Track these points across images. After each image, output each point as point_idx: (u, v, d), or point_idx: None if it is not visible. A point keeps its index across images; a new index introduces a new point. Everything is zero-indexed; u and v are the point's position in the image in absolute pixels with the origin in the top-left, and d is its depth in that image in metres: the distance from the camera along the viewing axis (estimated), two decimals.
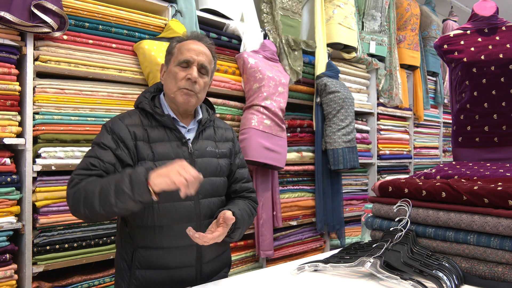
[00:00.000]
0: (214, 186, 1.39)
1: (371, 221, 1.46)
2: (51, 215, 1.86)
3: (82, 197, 1.17)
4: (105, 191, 1.13)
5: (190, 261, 1.32)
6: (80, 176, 1.23)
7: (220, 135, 1.48)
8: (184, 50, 1.36)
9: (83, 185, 1.19)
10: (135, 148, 1.29)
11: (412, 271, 1.10)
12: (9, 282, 1.74)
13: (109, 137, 1.29)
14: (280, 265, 1.39)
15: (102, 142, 1.28)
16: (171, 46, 1.41)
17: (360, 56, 3.40)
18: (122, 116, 1.35)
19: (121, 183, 1.12)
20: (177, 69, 1.35)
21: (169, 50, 1.42)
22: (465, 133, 2.25)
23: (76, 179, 1.22)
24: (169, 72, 1.37)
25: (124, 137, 1.29)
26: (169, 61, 1.39)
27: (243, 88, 2.65)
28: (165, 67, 1.42)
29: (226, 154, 1.47)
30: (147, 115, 1.36)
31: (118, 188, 1.11)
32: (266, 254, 2.66)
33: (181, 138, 1.35)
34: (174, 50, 1.38)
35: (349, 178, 3.47)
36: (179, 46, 1.38)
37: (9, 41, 1.76)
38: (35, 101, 1.86)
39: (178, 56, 1.36)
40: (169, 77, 1.37)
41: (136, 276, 1.29)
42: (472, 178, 1.46)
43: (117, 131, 1.29)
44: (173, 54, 1.38)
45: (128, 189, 1.10)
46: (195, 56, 1.35)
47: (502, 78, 2.12)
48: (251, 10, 2.75)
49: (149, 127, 1.33)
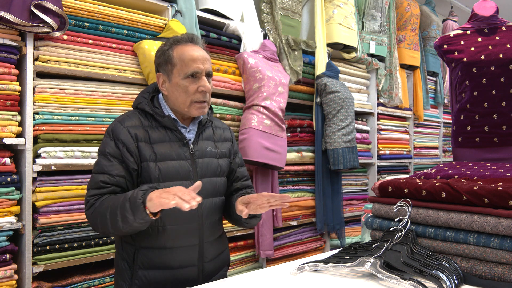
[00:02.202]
0: (215, 186, 1.40)
1: (371, 221, 1.46)
2: (51, 215, 1.86)
3: (98, 220, 1.23)
4: (113, 216, 1.19)
5: (193, 261, 1.33)
6: (94, 197, 1.26)
7: (219, 135, 1.49)
8: (188, 61, 1.30)
9: (97, 207, 1.23)
10: (138, 149, 1.29)
11: (412, 271, 1.10)
12: (9, 282, 1.74)
13: (112, 143, 1.29)
14: (280, 265, 1.38)
15: (107, 151, 1.28)
16: (168, 55, 1.33)
17: (360, 56, 3.40)
18: (122, 119, 1.34)
19: (124, 209, 1.16)
20: (186, 82, 1.31)
21: (166, 59, 1.33)
22: (465, 133, 2.25)
23: (91, 200, 1.26)
24: (176, 85, 1.31)
25: (125, 141, 1.28)
26: (171, 72, 1.32)
27: (243, 88, 2.65)
28: (165, 77, 1.34)
29: (225, 154, 1.47)
30: (147, 116, 1.35)
31: (122, 214, 1.17)
32: (266, 254, 2.66)
33: (182, 139, 1.35)
34: (174, 60, 1.32)
35: (349, 178, 3.47)
36: (179, 56, 1.31)
37: (9, 41, 1.76)
38: (35, 101, 1.86)
39: (184, 69, 1.30)
40: (177, 90, 1.32)
41: (138, 277, 1.29)
42: (472, 178, 1.46)
43: (118, 136, 1.29)
44: (175, 65, 1.31)
45: (130, 214, 1.15)
46: (202, 66, 1.32)
47: (502, 78, 2.12)
48: (251, 10, 2.75)
49: (149, 128, 1.33)
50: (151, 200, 1.13)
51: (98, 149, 1.33)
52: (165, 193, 1.12)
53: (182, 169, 1.32)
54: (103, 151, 1.29)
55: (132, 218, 1.15)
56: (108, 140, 1.31)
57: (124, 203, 1.16)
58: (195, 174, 1.35)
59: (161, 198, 1.10)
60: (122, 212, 1.16)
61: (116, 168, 1.27)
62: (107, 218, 1.20)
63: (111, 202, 1.21)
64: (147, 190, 1.17)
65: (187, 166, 1.33)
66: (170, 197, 1.09)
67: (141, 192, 1.16)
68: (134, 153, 1.28)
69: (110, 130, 1.32)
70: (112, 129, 1.31)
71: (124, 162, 1.28)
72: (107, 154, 1.28)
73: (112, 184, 1.26)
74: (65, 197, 1.89)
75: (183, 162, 1.33)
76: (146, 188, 1.18)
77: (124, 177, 1.28)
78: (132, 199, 1.16)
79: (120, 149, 1.28)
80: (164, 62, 1.35)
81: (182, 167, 1.32)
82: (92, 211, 1.25)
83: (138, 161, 1.29)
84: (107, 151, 1.28)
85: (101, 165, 1.28)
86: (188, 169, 1.33)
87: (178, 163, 1.32)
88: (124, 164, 1.28)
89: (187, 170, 1.33)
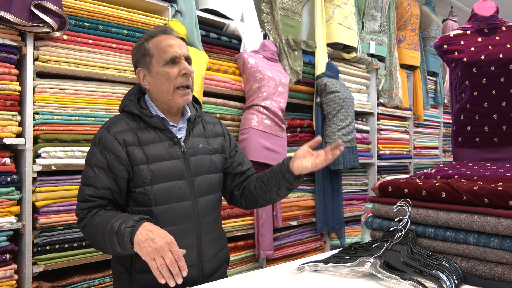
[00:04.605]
0: (210, 183, 1.39)
1: (371, 221, 1.45)
2: (51, 215, 1.86)
3: (90, 239, 1.26)
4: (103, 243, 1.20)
5: (192, 261, 1.32)
6: (82, 211, 1.27)
7: (210, 130, 1.47)
8: (165, 48, 1.30)
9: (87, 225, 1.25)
10: (127, 155, 1.26)
11: (412, 271, 1.10)
12: (9, 282, 1.74)
13: (98, 154, 1.27)
14: (280, 265, 1.38)
15: (93, 163, 1.27)
16: (144, 48, 1.33)
17: (360, 56, 3.40)
18: (108, 125, 1.31)
19: (112, 242, 1.16)
20: (166, 69, 1.30)
21: (143, 52, 1.33)
22: (465, 133, 2.25)
23: (80, 214, 1.28)
24: (157, 74, 1.30)
25: (113, 150, 1.26)
26: (150, 64, 1.32)
27: (243, 88, 2.65)
28: (145, 70, 1.34)
29: (218, 150, 1.46)
30: (135, 118, 1.33)
31: (111, 245, 1.17)
32: (266, 254, 2.66)
33: (172, 138, 1.33)
34: (151, 51, 1.31)
35: (349, 178, 3.47)
36: (155, 46, 1.31)
37: (9, 41, 1.76)
38: (35, 101, 1.86)
39: (162, 55, 1.30)
40: (158, 79, 1.31)
41: (136, 280, 1.29)
42: (472, 178, 1.46)
43: (105, 145, 1.26)
44: (153, 55, 1.31)
45: (118, 248, 1.16)
46: (179, 50, 1.32)
47: (502, 78, 2.12)
48: (251, 10, 2.75)
49: (138, 130, 1.30)
50: (137, 244, 1.12)
51: (85, 158, 1.31)
52: (151, 248, 1.08)
53: (175, 169, 1.30)
54: (89, 162, 1.28)
55: (120, 251, 1.17)
56: (94, 150, 1.28)
57: (112, 237, 1.15)
58: (189, 173, 1.33)
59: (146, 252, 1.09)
60: (111, 244, 1.17)
61: (101, 180, 1.25)
62: (98, 242, 1.22)
63: (100, 225, 1.20)
64: (134, 226, 1.14)
65: (180, 165, 1.32)
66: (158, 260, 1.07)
67: (128, 230, 1.13)
68: (124, 160, 1.26)
69: (97, 139, 1.29)
70: (99, 138, 1.29)
71: (111, 172, 1.26)
72: (92, 165, 1.27)
73: (97, 197, 1.26)
74: (65, 197, 1.89)
75: (176, 162, 1.31)
76: (133, 224, 1.14)
77: (109, 188, 1.26)
78: (120, 235, 1.14)
79: (108, 159, 1.25)
80: (142, 56, 1.34)
81: (175, 167, 1.31)
82: (83, 226, 1.26)
83: (129, 167, 1.27)
84: (92, 162, 1.27)
85: (87, 177, 1.27)
86: (181, 169, 1.32)
87: (170, 163, 1.30)
88: (111, 174, 1.26)
89: (180, 169, 1.32)
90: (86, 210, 1.26)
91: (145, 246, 1.10)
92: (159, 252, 1.08)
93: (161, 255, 1.08)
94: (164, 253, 1.08)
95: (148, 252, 1.09)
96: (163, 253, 1.08)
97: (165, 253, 1.08)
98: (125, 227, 1.13)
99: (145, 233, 1.12)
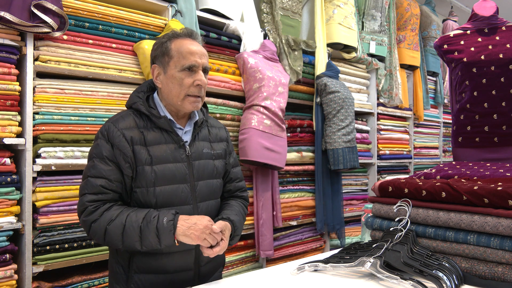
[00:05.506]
0: (211, 188, 1.39)
1: (371, 221, 1.46)
2: (51, 215, 1.86)
3: (103, 235, 1.21)
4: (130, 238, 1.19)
5: (189, 265, 1.33)
6: (93, 203, 1.22)
7: (214, 135, 1.46)
8: (186, 54, 1.29)
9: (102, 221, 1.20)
10: (133, 153, 1.25)
11: (412, 271, 1.10)
12: (9, 282, 1.74)
13: (108, 147, 1.24)
14: (280, 265, 1.38)
15: (105, 155, 1.23)
16: (166, 47, 1.31)
17: (360, 56, 3.40)
18: (116, 120, 1.29)
19: (147, 235, 1.18)
20: (182, 75, 1.28)
21: (163, 51, 1.32)
22: (465, 133, 2.25)
23: (89, 207, 1.21)
24: (172, 77, 1.29)
25: (120, 146, 1.24)
26: (167, 64, 1.30)
27: (243, 88, 2.65)
28: (160, 69, 1.33)
29: (221, 155, 1.45)
30: (142, 117, 1.31)
31: (145, 237, 1.19)
32: (266, 254, 2.66)
33: (178, 141, 1.32)
34: (172, 52, 1.30)
35: (349, 178, 3.47)
36: (177, 48, 1.30)
37: (9, 41, 1.76)
38: (35, 101, 1.86)
39: (181, 61, 1.28)
40: (172, 82, 1.29)
41: (134, 281, 1.28)
42: (472, 178, 1.46)
43: (113, 140, 1.25)
44: (172, 57, 1.30)
45: (156, 243, 1.19)
46: (199, 60, 1.30)
47: (502, 78, 2.12)
48: (251, 10, 2.75)
49: (144, 129, 1.29)
50: (182, 234, 1.19)
51: (92, 151, 1.27)
52: (198, 231, 1.19)
53: (178, 172, 1.30)
54: (100, 154, 1.24)
55: (157, 244, 1.19)
56: (103, 143, 1.25)
57: (147, 230, 1.18)
58: (192, 177, 1.33)
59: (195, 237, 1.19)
60: (144, 237, 1.18)
61: (114, 173, 1.23)
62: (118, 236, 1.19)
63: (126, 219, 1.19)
64: (173, 220, 1.19)
65: (184, 169, 1.31)
66: (209, 238, 1.20)
67: (171, 223, 1.19)
68: (130, 158, 1.24)
69: (105, 132, 1.26)
70: (107, 131, 1.26)
71: (119, 166, 1.24)
72: (104, 157, 1.23)
73: (111, 190, 1.23)
74: (65, 197, 1.89)
75: (180, 165, 1.30)
76: (172, 218, 1.20)
77: (121, 182, 1.25)
78: (162, 228, 1.18)
79: (115, 154, 1.24)
80: (161, 54, 1.32)
81: (178, 170, 1.30)
82: (92, 220, 1.20)
83: (133, 166, 1.25)
84: (104, 154, 1.24)
85: (99, 169, 1.22)
86: (185, 172, 1.31)
87: (174, 166, 1.29)
88: (120, 169, 1.24)
89: (184, 173, 1.31)
90: (99, 202, 1.22)
91: (191, 232, 1.19)
92: (207, 230, 1.20)
93: (209, 232, 1.20)
94: (210, 230, 1.20)
95: (197, 235, 1.19)
96: (210, 229, 1.20)
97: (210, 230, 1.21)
98: (167, 220, 1.19)
99: (185, 222, 1.20)
